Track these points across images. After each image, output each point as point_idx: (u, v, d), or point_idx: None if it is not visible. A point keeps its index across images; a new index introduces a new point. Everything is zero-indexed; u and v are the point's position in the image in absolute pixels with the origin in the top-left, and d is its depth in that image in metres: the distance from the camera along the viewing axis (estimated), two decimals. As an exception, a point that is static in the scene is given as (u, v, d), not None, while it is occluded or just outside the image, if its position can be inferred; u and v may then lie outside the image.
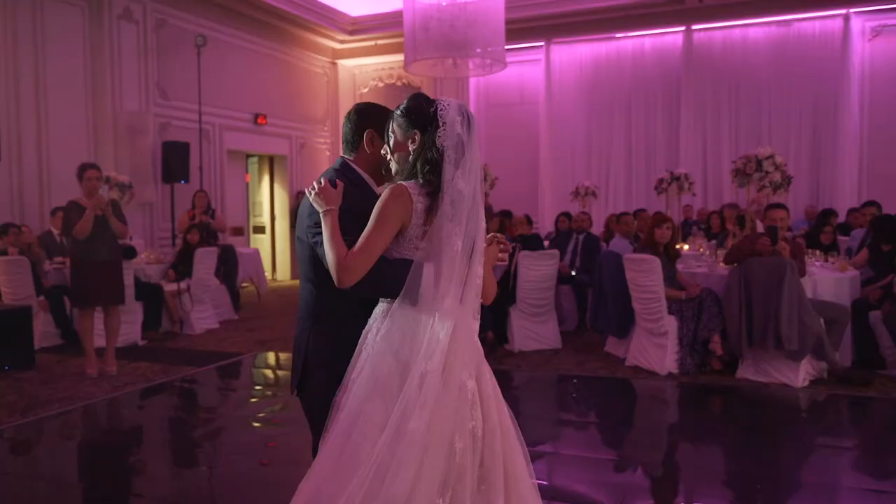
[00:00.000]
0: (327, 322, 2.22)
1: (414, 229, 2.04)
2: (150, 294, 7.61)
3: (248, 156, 12.83)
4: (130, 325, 7.17)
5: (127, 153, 9.69)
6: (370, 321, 2.12)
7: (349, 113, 2.36)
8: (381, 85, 14.33)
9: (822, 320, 5.36)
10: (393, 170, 2.17)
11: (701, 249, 7.68)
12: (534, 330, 6.81)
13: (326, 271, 2.10)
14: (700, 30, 11.91)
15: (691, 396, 5.56)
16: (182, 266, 8.11)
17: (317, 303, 2.23)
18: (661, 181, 9.09)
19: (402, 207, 2.02)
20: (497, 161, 11.54)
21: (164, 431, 5.02)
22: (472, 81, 13.38)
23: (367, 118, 2.31)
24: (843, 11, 11.10)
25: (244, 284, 10.31)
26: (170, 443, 4.79)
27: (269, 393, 6.06)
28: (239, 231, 12.23)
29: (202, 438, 4.78)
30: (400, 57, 13.33)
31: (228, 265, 8.94)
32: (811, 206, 11.22)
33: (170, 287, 7.93)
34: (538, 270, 6.76)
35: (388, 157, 2.18)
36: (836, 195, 11.11)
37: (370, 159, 2.30)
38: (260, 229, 13.29)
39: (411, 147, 2.09)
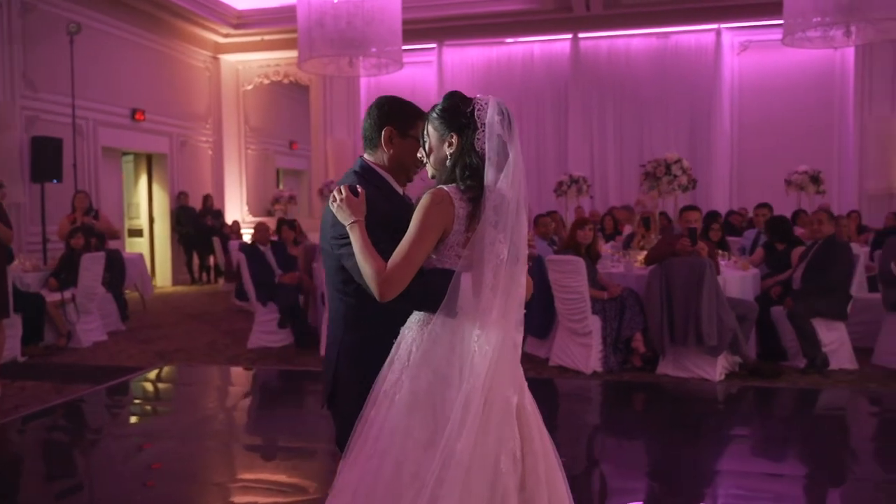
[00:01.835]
0: (360, 332, 2.09)
1: (456, 236, 1.93)
2: (29, 305, 6.88)
3: (124, 153, 11.95)
4: (10, 339, 6.44)
5: (-11, 149, 8.75)
6: (404, 330, 2.00)
7: (370, 108, 2.20)
8: (266, 82, 13.83)
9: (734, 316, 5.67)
10: (430, 174, 2.06)
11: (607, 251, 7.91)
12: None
13: (354, 281, 2.00)
14: (586, 38, 12.35)
15: (617, 393, 5.73)
16: (65, 274, 7.40)
17: (348, 313, 2.11)
18: (560, 184, 9.33)
19: (444, 214, 1.90)
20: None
21: (50, 457, 4.54)
22: (363, 81, 13.18)
23: (387, 115, 2.16)
24: (715, 26, 11.88)
25: (126, 291, 9.56)
26: (53, 469, 4.33)
27: (164, 409, 5.64)
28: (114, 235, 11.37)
29: (87, 462, 4.44)
30: (288, 53, 12.97)
31: (115, 271, 8.26)
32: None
33: (52, 297, 7.21)
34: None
35: (424, 160, 2.06)
36: (710, 199, 11.86)
37: (390, 158, 2.16)
38: (137, 232, 12.42)
39: (448, 151, 1.98)
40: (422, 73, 13.10)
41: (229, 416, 5.34)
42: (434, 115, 2.02)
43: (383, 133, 2.13)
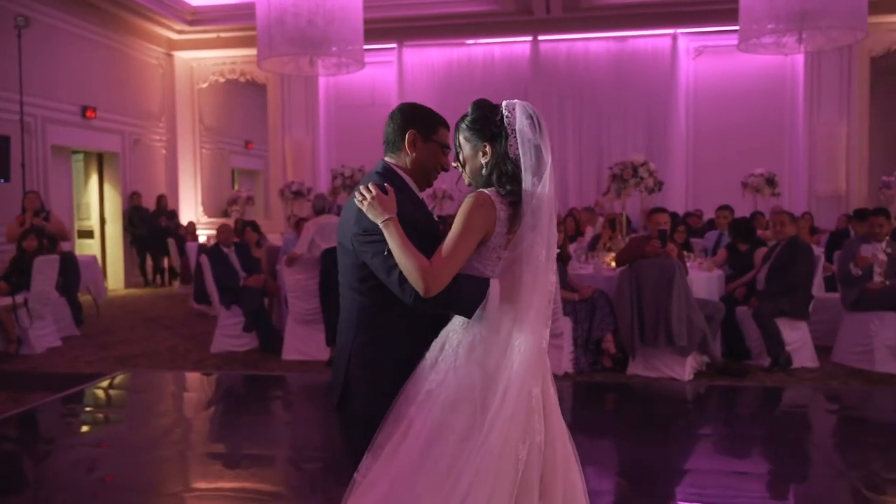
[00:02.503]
0: (373, 332, 2.09)
1: (497, 238, 1.99)
2: (-21, 310, 6.59)
3: (74, 152, 11.56)
4: (-42, 347, 6.17)
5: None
6: (447, 332, 2.03)
7: (392, 112, 2.22)
8: (221, 80, 13.54)
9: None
10: (466, 182, 2.13)
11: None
12: (424, 335, 6.70)
13: (374, 279, 2.02)
14: (546, 41, 12.44)
15: (588, 394, 5.76)
16: (16, 277, 7.11)
17: (361, 312, 2.10)
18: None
19: (487, 216, 1.96)
20: (349, 162, 11.18)
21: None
22: (322, 81, 13.01)
23: (411, 119, 2.18)
24: (671, 31, 12.09)
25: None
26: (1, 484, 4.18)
27: (124, 417, 5.42)
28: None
29: (38, 474, 4.31)
30: (244, 51, 12.74)
31: (69, 274, 7.96)
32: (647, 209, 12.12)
33: (3, 301, 6.91)
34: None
35: (460, 169, 2.12)
36: (667, 201, 12.03)
37: (413, 161, 2.18)
38: (87, 234, 12.02)
39: (483, 160, 2.05)
40: (382, 74, 13.00)
41: (192, 423, 5.19)
42: (464, 125, 2.09)
43: (407, 136, 2.16)
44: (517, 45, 12.61)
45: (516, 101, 2.05)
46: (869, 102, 11.69)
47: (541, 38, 12.38)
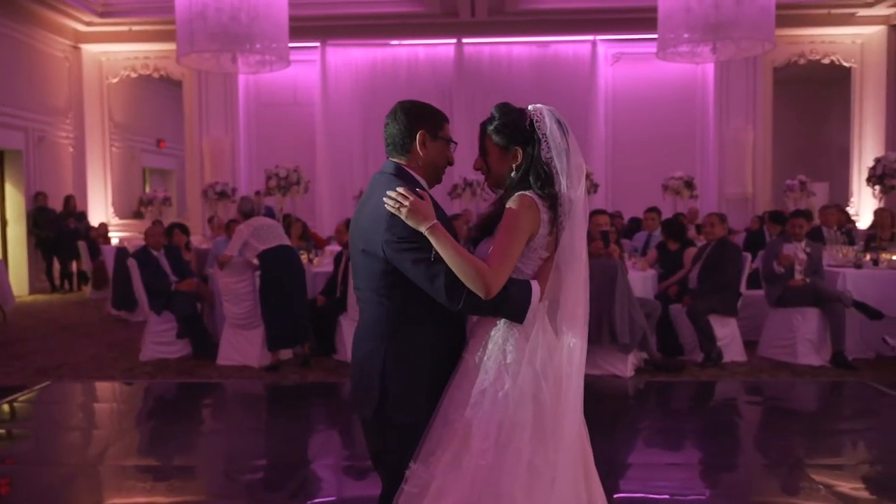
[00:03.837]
0: (406, 337, 2.04)
1: (540, 239, 2.04)
2: None
3: (-29, 149, 10.79)
4: None
5: None
6: (492, 332, 2.03)
7: (395, 113, 2.15)
8: (133, 75, 12.97)
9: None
10: (490, 185, 2.18)
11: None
12: (367, 338, 6.63)
13: (405, 285, 1.99)
14: (470, 44, 12.56)
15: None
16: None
17: (390, 318, 2.04)
18: (455, 186, 9.42)
19: (533, 218, 2.01)
20: (271, 162, 10.89)
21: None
22: (242, 78, 12.66)
23: (416, 119, 2.13)
24: (591, 38, 12.47)
25: (-17, 303, 8.63)
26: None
27: (46, 432, 5.08)
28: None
29: None
30: (159, 46, 12.25)
31: (-24, 281, 7.42)
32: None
33: None
34: (369, 277, 6.59)
35: (483, 173, 2.15)
36: (590, 202, 12.43)
37: (423, 163, 2.15)
38: (-14, 237, 11.23)
39: (513, 164, 2.09)
40: (304, 72, 12.78)
41: (125, 435, 4.89)
42: (493, 129, 2.10)
43: (417, 137, 2.12)
44: (441, 47, 12.68)
45: (541, 105, 2.09)
46: (772, 110, 12.44)
47: (465, 40, 12.50)
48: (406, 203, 1.93)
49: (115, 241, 11.57)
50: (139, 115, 14.03)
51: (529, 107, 2.09)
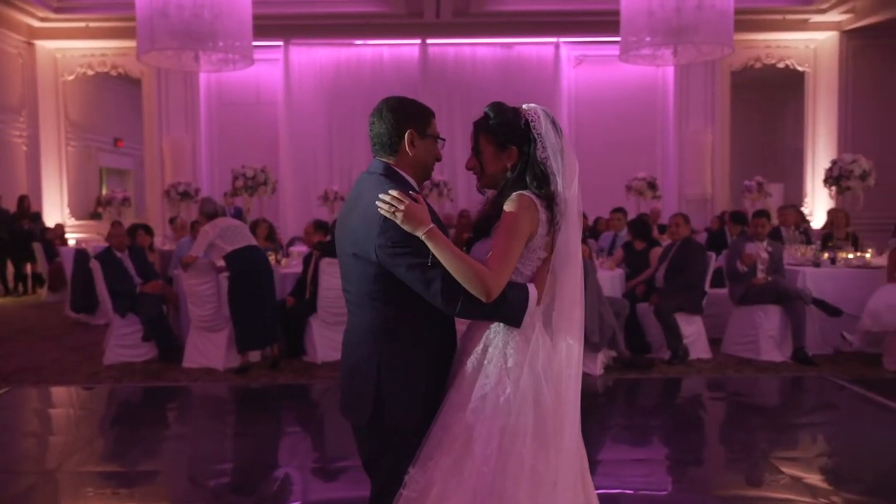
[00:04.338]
0: (399, 340, 2.00)
1: (539, 240, 2.02)
2: None
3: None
4: None
5: None
6: (489, 335, 2.01)
7: (380, 111, 2.08)
8: (90, 73, 12.67)
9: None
10: (480, 184, 2.15)
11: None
12: (337, 339, 6.55)
13: (398, 289, 1.95)
14: (435, 44, 12.57)
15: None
16: None
17: (383, 322, 2.00)
18: (421, 187, 9.40)
19: (532, 217, 1.99)
20: (234, 162, 10.71)
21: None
22: (203, 77, 12.48)
23: (404, 117, 2.08)
24: (554, 40, 12.60)
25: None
26: None
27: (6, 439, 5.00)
28: None
29: None
30: (116, 43, 12.02)
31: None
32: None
33: None
34: (339, 278, 6.55)
35: (476, 171, 2.13)
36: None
37: (412, 162, 2.10)
38: (-64, 238, 10.85)
39: (509, 164, 2.07)
40: (267, 72, 12.64)
41: (89, 440, 4.77)
42: (488, 128, 2.07)
43: (406, 136, 2.06)
44: (406, 48, 12.68)
45: (534, 105, 2.06)
46: (730, 113, 12.72)
47: (430, 41, 12.51)
48: (401, 207, 1.87)
49: (72, 243, 11.29)
50: (96, 114, 13.72)
51: (524, 106, 2.07)
